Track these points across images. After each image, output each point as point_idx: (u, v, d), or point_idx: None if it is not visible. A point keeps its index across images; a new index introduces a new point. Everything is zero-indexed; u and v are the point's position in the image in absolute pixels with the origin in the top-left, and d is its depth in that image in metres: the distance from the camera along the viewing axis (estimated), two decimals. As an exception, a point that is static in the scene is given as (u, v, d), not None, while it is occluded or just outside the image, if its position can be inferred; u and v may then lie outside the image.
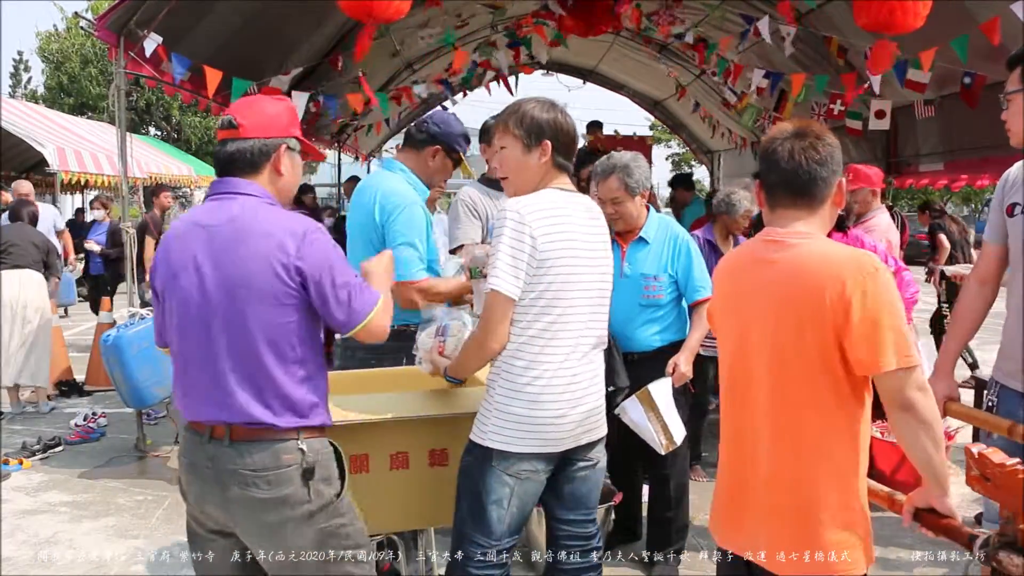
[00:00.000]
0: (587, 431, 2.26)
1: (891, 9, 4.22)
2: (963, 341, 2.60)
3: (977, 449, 1.71)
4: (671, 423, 2.86)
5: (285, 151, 2.04)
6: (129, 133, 5.68)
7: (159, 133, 26.97)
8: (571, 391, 2.19)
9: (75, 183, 12.43)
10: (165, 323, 2.03)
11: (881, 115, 6.23)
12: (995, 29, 4.53)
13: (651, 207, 3.39)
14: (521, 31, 8.26)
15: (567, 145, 2.30)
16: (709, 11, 6.84)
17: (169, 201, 7.74)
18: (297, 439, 1.93)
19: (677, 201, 7.73)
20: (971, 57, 4.96)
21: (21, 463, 4.96)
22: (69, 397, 6.59)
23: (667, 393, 2.91)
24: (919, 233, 12.37)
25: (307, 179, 18.43)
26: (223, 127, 2.04)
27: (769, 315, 1.80)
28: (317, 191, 10.68)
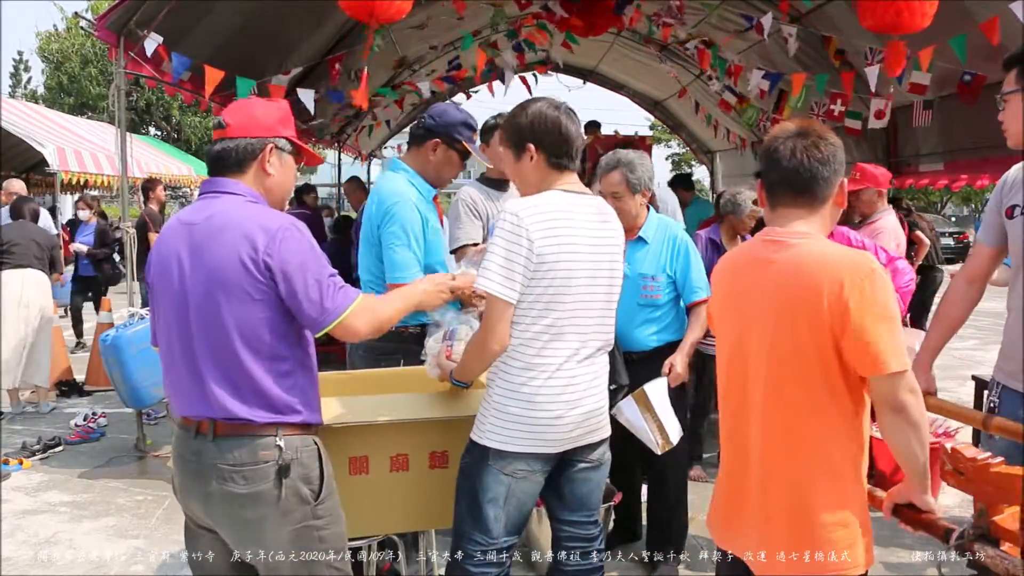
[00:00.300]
0: (587, 432, 2.26)
1: (898, 10, 4.19)
2: (945, 337, 2.59)
3: (951, 445, 1.77)
4: (667, 423, 2.86)
5: (272, 150, 2.05)
6: (129, 133, 5.69)
7: (159, 133, 26.98)
8: (569, 392, 2.19)
9: (75, 183, 12.42)
10: (157, 321, 2.05)
11: (880, 115, 6.23)
12: (994, 29, 4.53)
13: (651, 207, 3.39)
14: (522, 32, 8.25)
15: (557, 143, 2.22)
16: (709, 11, 6.83)
17: (164, 195, 7.72)
18: (275, 435, 1.93)
19: (677, 201, 7.72)
20: (970, 57, 4.96)
21: (21, 463, 4.96)
22: (69, 397, 6.59)
23: (663, 393, 2.91)
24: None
25: (307, 179, 18.42)
26: (215, 128, 2.08)
27: (768, 315, 1.80)
28: (317, 191, 10.67)
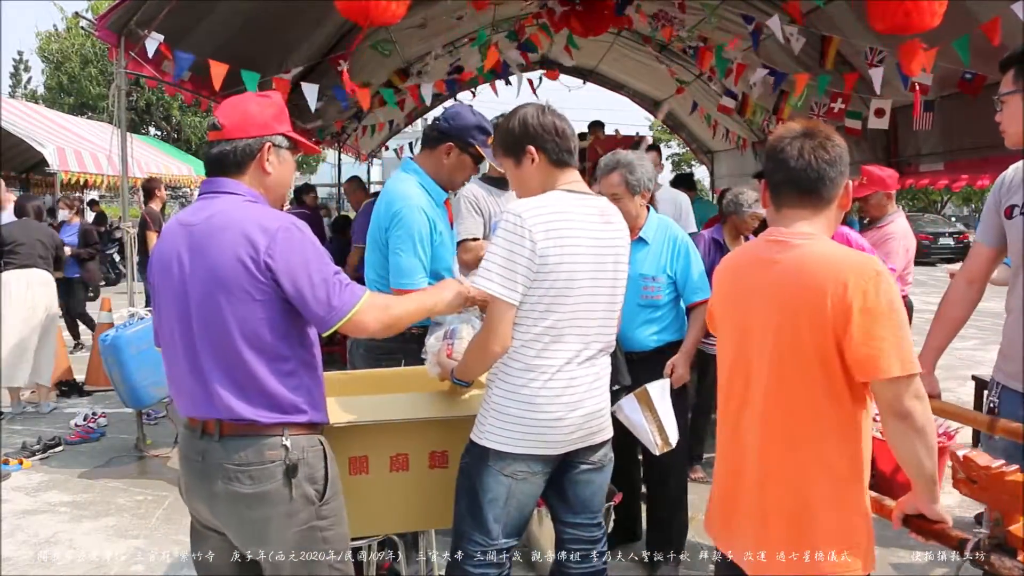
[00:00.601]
0: (589, 434, 2.25)
1: (907, 11, 4.18)
2: (947, 339, 2.58)
3: (963, 452, 1.71)
4: (667, 424, 2.86)
5: (270, 149, 2.03)
6: (129, 133, 5.69)
7: (159, 133, 26.99)
8: (569, 394, 2.18)
9: (75, 183, 12.43)
10: (160, 322, 2.05)
11: (880, 114, 6.22)
12: (996, 29, 4.53)
13: (651, 207, 3.39)
14: (523, 32, 8.24)
15: (554, 141, 2.22)
16: (709, 11, 6.83)
17: (165, 194, 7.71)
18: (281, 435, 1.92)
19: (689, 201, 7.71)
20: (972, 57, 4.95)
21: (21, 463, 4.96)
22: (69, 397, 6.59)
23: (665, 394, 2.91)
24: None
25: (307, 179, 18.43)
26: (210, 129, 2.05)
27: (770, 316, 1.79)
28: (317, 191, 10.68)
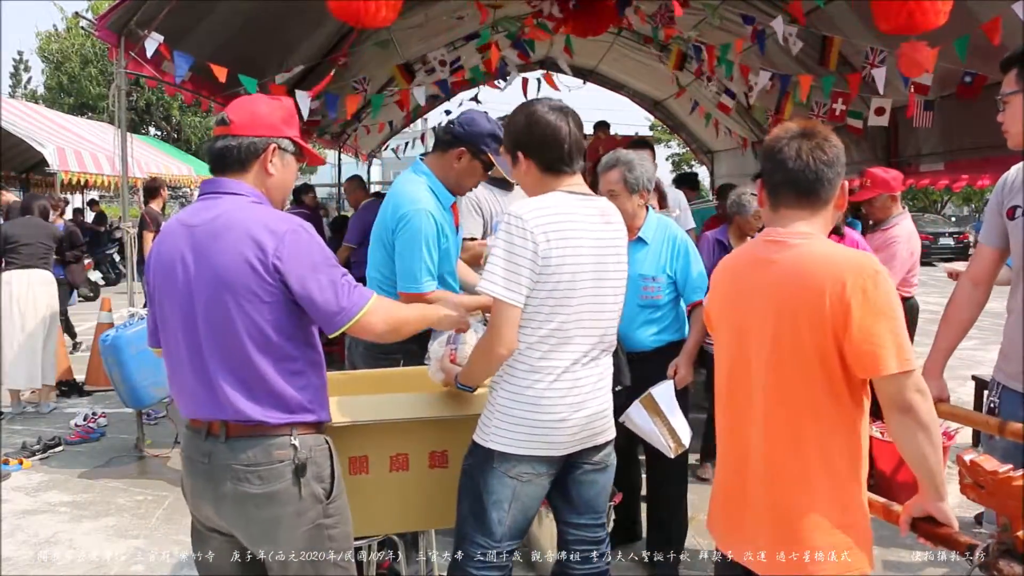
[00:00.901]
0: (592, 435, 2.25)
1: (910, 11, 4.18)
2: (954, 341, 2.57)
3: (969, 457, 1.69)
4: (677, 426, 2.86)
5: (275, 150, 2.03)
6: (129, 133, 5.69)
7: (159, 133, 27.01)
8: (573, 395, 2.18)
9: (75, 183, 12.43)
10: (158, 323, 2.04)
11: (881, 112, 6.22)
12: (996, 29, 4.53)
13: (650, 208, 3.38)
14: (523, 33, 8.24)
15: (548, 149, 2.18)
16: (709, 12, 6.82)
17: (166, 194, 7.71)
18: (290, 435, 1.93)
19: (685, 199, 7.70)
20: (972, 57, 4.95)
21: (21, 463, 4.96)
22: (69, 397, 6.59)
23: (670, 396, 2.90)
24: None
25: (307, 179, 18.43)
26: (217, 124, 2.05)
27: (768, 315, 1.80)
28: (317, 191, 10.69)
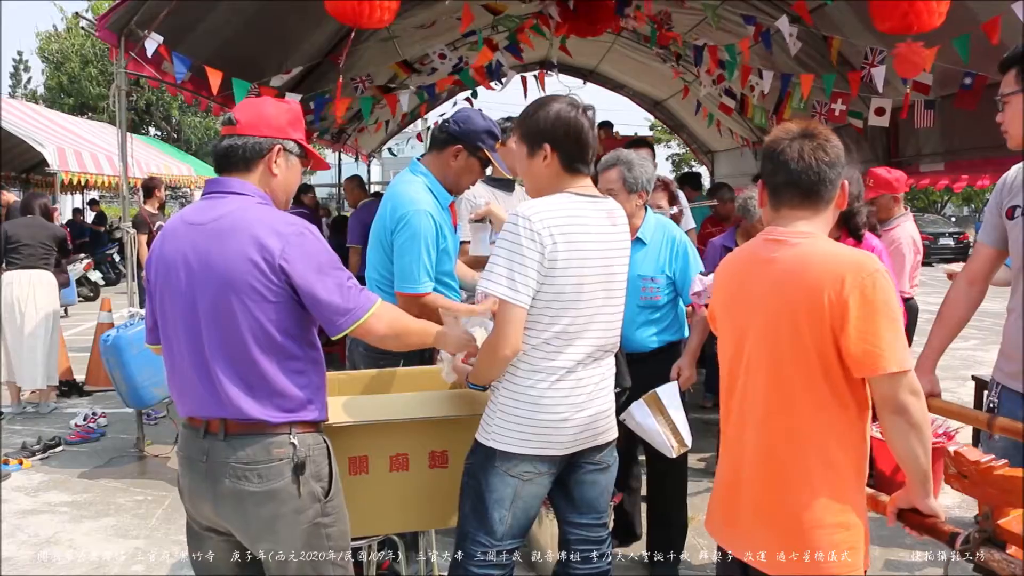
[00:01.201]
0: (594, 435, 2.25)
1: (904, 11, 4.19)
2: (947, 339, 2.57)
3: (953, 448, 1.74)
4: (680, 426, 2.86)
5: (280, 152, 2.04)
6: (129, 133, 5.69)
7: (159, 133, 27.03)
8: (576, 395, 2.18)
9: (75, 183, 12.43)
10: (157, 321, 2.05)
11: (881, 112, 6.21)
12: (996, 28, 4.53)
13: (648, 208, 3.38)
14: (522, 34, 8.24)
15: (575, 147, 2.18)
16: (709, 12, 6.82)
17: (164, 195, 7.69)
18: (289, 434, 1.94)
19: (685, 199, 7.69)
20: (972, 56, 4.95)
21: (21, 463, 4.96)
22: (69, 397, 6.59)
23: (675, 396, 2.91)
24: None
25: (307, 179, 18.43)
26: (224, 123, 2.07)
27: (768, 314, 1.80)
28: (316, 191, 10.68)
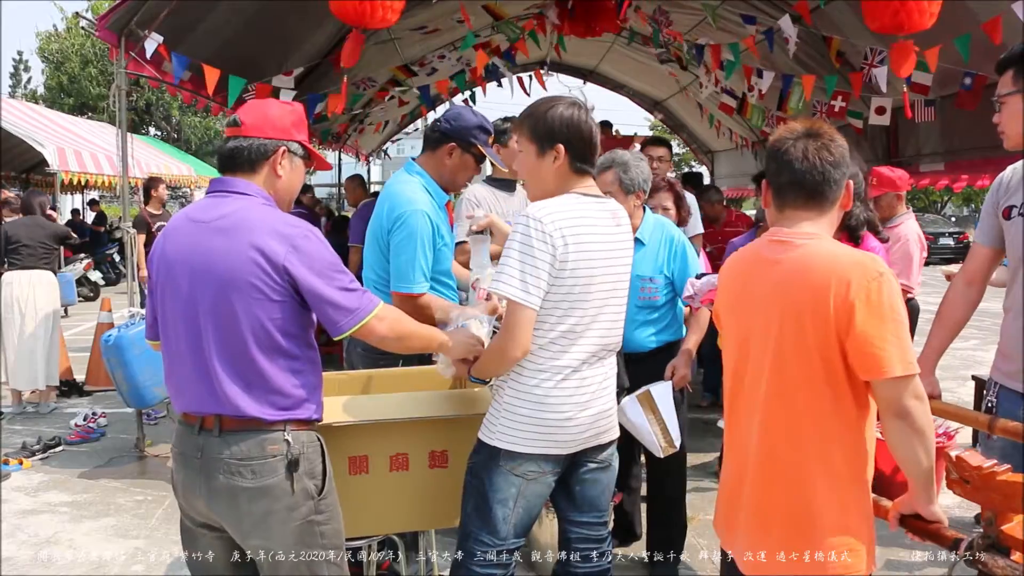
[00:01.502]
0: (597, 434, 2.26)
1: (895, 10, 4.21)
2: (947, 340, 2.57)
3: (955, 453, 1.71)
4: (671, 426, 2.86)
5: (285, 153, 2.07)
6: (129, 133, 5.69)
7: (159, 133, 27.04)
8: (580, 394, 2.18)
9: (75, 183, 12.43)
10: (157, 317, 2.06)
11: (881, 111, 6.21)
12: (997, 28, 4.53)
13: (647, 208, 3.38)
14: (519, 41, 8.25)
15: (584, 148, 2.20)
16: (709, 12, 6.82)
17: (165, 194, 7.69)
18: (283, 430, 1.95)
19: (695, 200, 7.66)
20: (972, 56, 4.95)
21: (21, 463, 4.96)
22: (69, 397, 6.59)
23: (668, 396, 2.91)
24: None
25: (307, 179, 18.44)
26: (229, 125, 2.08)
27: (772, 315, 1.79)
28: (317, 191, 10.69)
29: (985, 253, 2.50)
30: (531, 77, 9.84)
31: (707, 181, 12.88)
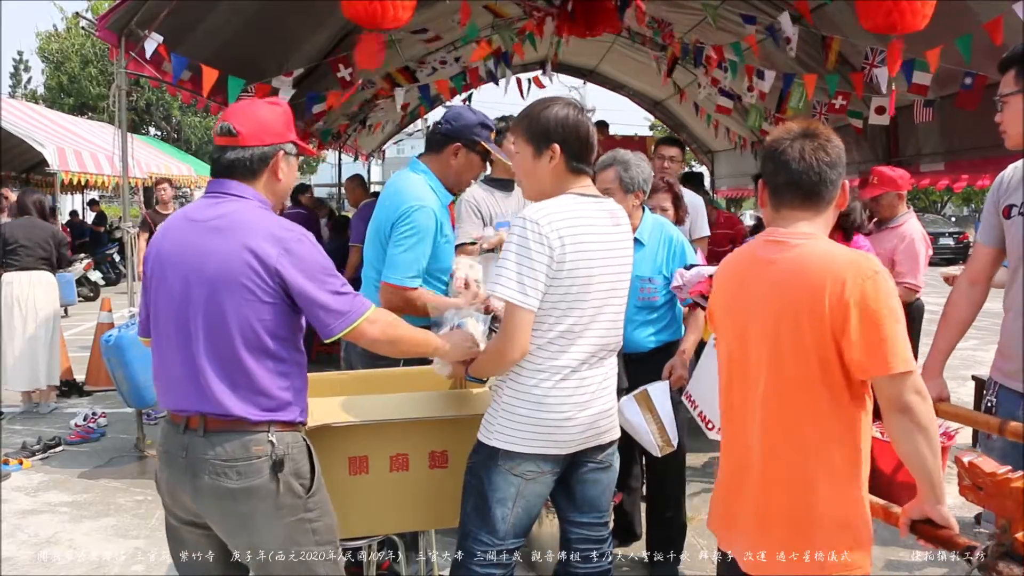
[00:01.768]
0: (597, 434, 2.26)
1: (887, 10, 4.22)
2: (953, 341, 2.57)
3: (968, 459, 1.69)
4: (668, 425, 2.87)
5: (283, 156, 2.09)
6: (129, 133, 5.69)
7: (159, 133, 27.02)
8: (579, 394, 2.18)
9: (75, 183, 12.42)
10: (150, 314, 2.07)
11: (881, 111, 6.21)
12: (998, 28, 4.53)
13: (646, 208, 3.38)
14: (516, 43, 8.25)
15: (580, 147, 2.20)
16: (709, 12, 6.81)
17: (168, 194, 7.67)
18: (268, 431, 1.96)
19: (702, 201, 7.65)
20: (973, 56, 4.95)
21: (21, 463, 4.96)
22: (69, 397, 6.59)
23: (665, 395, 2.92)
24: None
25: (306, 179, 18.45)
26: (222, 134, 2.06)
27: (769, 315, 1.80)
28: (317, 191, 10.67)
29: (988, 253, 2.50)
30: (529, 81, 9.85)
31: (707, 181, 12.90)
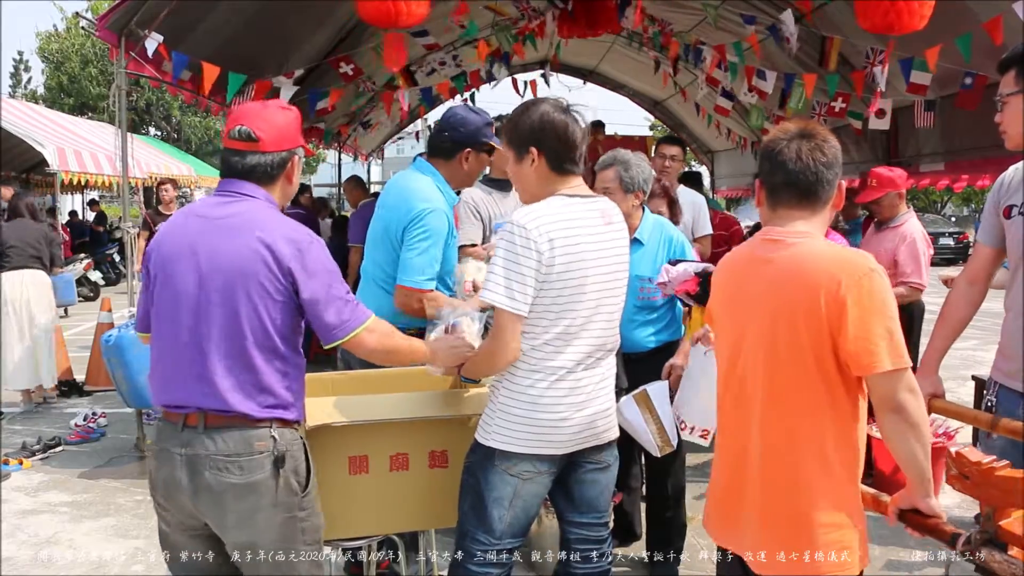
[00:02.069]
0: (595, 434, 2.26)
1: (885, 11, 4.23)
2: (949, 340, 2.57)
3: (955, 448, 1.74)
4: (668, 425, 2.87)
5: (296, 161, 2.14)
6: (129, 133, 5.69)
7: (159, 133, 27.02)
8: (575, 395, 2.19)
9: (75, 183, 12.42)
10: (150, 309, 2.07)
11: (881, 114, 6.22)
12: (998, 28, 4.53)
13: (645, 208, 3.38)
14: (516, 44, 8.26)
15: (561, 148, 2.18)
16: (710, 12, 6.82)
17: (171, 194, 7.66)
18: (270, 427, 1.98)
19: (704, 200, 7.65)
20: (973, 56, 4.95)
21: (21, 463, 4.96)
22: (69, 397, 6.59)
23: (664, 395, 2.91)
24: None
25: (307, 179, 18.46)
26: (241, 138, 2.03)
27: (765, 314, 1.81)
28: (317, 191, 10.67)
29: (987, 253, 2.51)
30: (526, 83, 9.86)
31: (707, 181, 12.89)
